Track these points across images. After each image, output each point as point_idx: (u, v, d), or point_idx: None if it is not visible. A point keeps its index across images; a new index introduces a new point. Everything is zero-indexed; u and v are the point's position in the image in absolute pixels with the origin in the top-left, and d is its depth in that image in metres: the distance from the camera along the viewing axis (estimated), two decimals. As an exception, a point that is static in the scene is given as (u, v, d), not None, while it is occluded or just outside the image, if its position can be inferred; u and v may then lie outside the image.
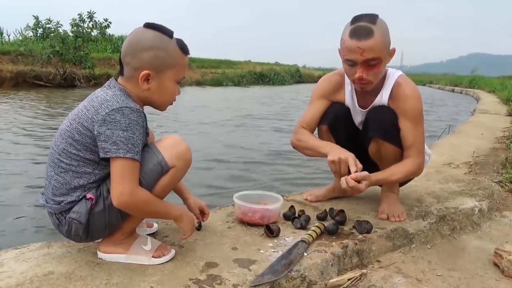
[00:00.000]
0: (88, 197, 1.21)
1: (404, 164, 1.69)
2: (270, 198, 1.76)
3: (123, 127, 1.16)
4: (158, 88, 1.27)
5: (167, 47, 1.24)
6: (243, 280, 1.22)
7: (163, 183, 1.26)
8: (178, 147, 1.28)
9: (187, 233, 1.37)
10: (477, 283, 1.41)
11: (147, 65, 1.22)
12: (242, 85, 22.79)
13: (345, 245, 1.49)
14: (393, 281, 1.40)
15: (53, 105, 9.21)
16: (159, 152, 1.26)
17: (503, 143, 3.98)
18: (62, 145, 1.23)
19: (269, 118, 8.21)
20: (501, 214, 2.11)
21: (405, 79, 1.73)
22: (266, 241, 1.51)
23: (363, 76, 1.58)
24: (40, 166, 3.86)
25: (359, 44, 1.53)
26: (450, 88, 24.58)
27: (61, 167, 1.23)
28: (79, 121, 1.21)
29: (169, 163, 1.25)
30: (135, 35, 1.24)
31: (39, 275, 1.20)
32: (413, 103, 1.68)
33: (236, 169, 4.10)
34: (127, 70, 1.26)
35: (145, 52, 1.21)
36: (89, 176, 1.23)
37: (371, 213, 1.83)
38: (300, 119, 1.88)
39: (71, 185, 1.22)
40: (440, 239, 1.76)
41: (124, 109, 1.17)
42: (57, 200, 1.23)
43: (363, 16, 1.58)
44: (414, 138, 1.68)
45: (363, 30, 1.53)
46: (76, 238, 1.28)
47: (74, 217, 1.21)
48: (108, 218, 1.24)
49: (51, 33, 14.84)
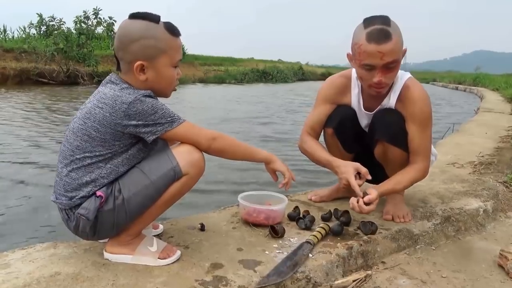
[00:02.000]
0: (98, 195, 1.22)
1: (409, 171, 1.67)
2: (274, 199, 1.76)
3: (150, 112, 1.22)
4: (156, 76, 1.28)
5: (155, 33, 1.24)
6: (249, 281, 1.22)
7: (174, 189, 1.27)
8: (193, 154, 1.29)
9: (286, 173, 1.48)
10: (482, 285, 1.41)
11: (139, 55, 1.23)
12: (244, 82, 22.78)
13: (350, 246, 1.49)
14: (398, 282, 1.41)
15: (58, 102, 9.24)
16: (174, 158, 1.26)
17: (507, 142, 3.97)
18: (76, 143, 1.24)
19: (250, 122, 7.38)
20: (505, 214, 2.11)
21: (414, 81, 1.70)
22: (271, 242, 1.51)
23: (382, 80, 1.54)
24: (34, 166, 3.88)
25: (379, 48, 1.48)
26: (454, 86, 24.47)
27: (74, 162, 1.24)
28: (95, 120, 1.22)
29: (183, 170, 1.26)
30: (123, 28, 1.25)
31: (46, 276, 1.20)
32: (422, 106, 1.66)
33: (237, 169, 4.10)
34: (123, 64, 1.28)
35: (134, 44, 1.22)
36: (100, 171, 1.24)
37: (375, 213, 1.83)
38: (306, 124, 1.87)
39: (83, 180, 1.24)
40: (445, 240, 1.76)
41: (138, 97, 1.21)
42: (68, 195, 1.24)
43: (375, 18, 1.53)
44: (421, 142, 1.66)
45: (381, 33, 1.48)
46: (83, 234, 1.29)
47: (82, 213, 1.21)
48: (116, 218, 1.24)
49: (54, 31, 14.89)
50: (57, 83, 14.02)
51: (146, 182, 1.25)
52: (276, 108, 9.89)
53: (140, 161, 1.29)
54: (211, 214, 1.78)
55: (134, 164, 1.29)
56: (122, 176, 1.26)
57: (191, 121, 1.32)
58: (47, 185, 3.21)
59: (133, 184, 1.25)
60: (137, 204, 1.25)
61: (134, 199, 1.24)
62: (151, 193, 1.26)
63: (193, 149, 1.30)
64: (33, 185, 3.30)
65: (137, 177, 1.26)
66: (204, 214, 1.80)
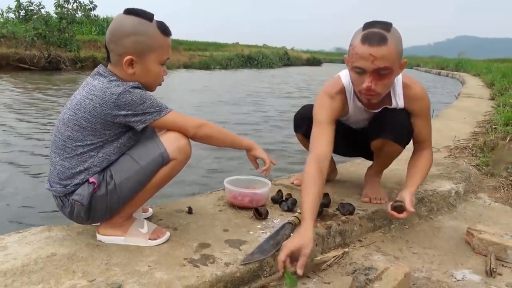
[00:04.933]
0: (91, 181, 1.29)
1: (425, 161, 1.75)
2: (259, 183, 1.85)
3: (139, 102, 1.29)
4: (143, 72, 1.33)
5: (147, 31, 1.30)
6: (234, 259, 1.32)
7: (162, 173, 1.35)
8: (180, 141, 1.36)
9: (267, 160, 1.56)
10: (449, 259, 1.54)
11: (129, 50, 1.29)
12: (229, 68, 22.69)
13: (328, 226, 1.60)
14: (373, 258, 1.52)
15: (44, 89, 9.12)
16: (162, 144, 1.34)
17: (483, 127, 4.13)
18: (67, 133, 1.30)
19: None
20: (476, 196, 2.24)
21: (409, 78, 1.73)
22: (255, 223, 1.61)
23: (371, 86, 1.49)
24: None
25: (371, 50, 1.44)
26: (437, 71, 24.83)
27: (66, 152, 1.31)
28: (85, 110, 1.28)
29: (171, 156, 1.34)
30: (116, 22, 1.31)
31: (43, 256, 1.27)
32: (425, 102, 1.73)
33: (224, 158, 4.18)
34: (112, 56, 1.33)
35: (126, 38, 1.28)
36: (92, 160, 1.31)
37: (354, 195, 1.94)
38: (314, 150, 1.61)
39: (76, 169, 1.30)
40: (418, 220, 1.88)
41: (128, 89, 1.28)
42: (63, 183, 1.31)
43: (376, 22, 1.50)
44: (427, 133, 1.77)
45: (376, 36, 1.45)
46: (78, 219, 1.36)
47: (76, 199, 1.28)
48: (109, 202, 1.32)
49: (33, 15, 14.54)
50: (38, 68, 13.78)
51: (136, 167, 1.32)
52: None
53: (130, 149, 1.37)
54: (198, 198, 1.87)
55: (124, 152, 1.36)
56: (113, 163, 1.34)
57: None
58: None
59: (124, 170, 1.32)
60: (128, 188, 1.32)
61: (125, 184, 1.31)
62: (141, 177, 1.33)
63: (180, 136, 1.37)
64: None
65: (128, 163, 1.33)
66: (191, 198, 1.88)
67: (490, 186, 2.37)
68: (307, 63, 36.63)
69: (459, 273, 1.44)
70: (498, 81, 8.86)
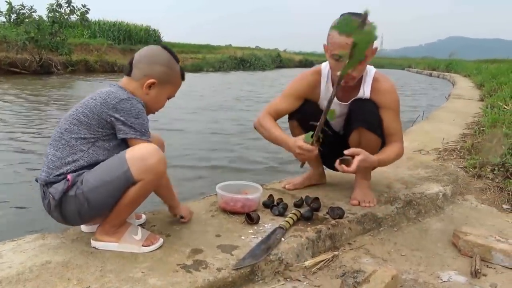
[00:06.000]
0: (67, 178, 1.33)
1: (393, 147, 1.88)
2: (250, 188, 1.88)
3: (134, 115, 1.38)
4: (155, 96, 1.50)
5: (174, 68, 1.52)
6: (226, 264, 1.35)
7: (130, 194, 1.34)
8: (148, 160, 1.32)
9: (188, 216, 1.65)
10: (436, 261, 1.58)
11: (155, 75, 1.47)
12: (222, 70, 22.71)
13: (319, 230, 1.63)
14: (362, 261, 1.56)
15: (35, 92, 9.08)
16: (126, 162, 1.32)
17: (472, 129, 4.19)
18: (65, 126, 1.39)
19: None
20: (463, 198, 2.29)
21: (381, 74, 1.90)
22: (247, 228, 1.64)
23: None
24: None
25: (348, 40, 1.59)
26: (428, 72, 25.06)
27: (61, 143, 1.38)
28: (86, 107, 1.39)
29: (136, 177, 1.32)
30: (153, 50, 1.51)
31: (38, 264, 1.30)
32: (393, 96, 1.88)
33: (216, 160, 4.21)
34: (136, 73, 1.47)
35: (157, 66, 1.47)
36: (82, 153, 1.37)
37: (344, 199, 1.98)
38: (270, 106, 1.99)
39: (65, 159, 1.36)
40: (406, 222, 1.93)
41: (131, 99, 1.40)
42: (49, 172, 1.37)
43: (352, 14, 1.64)
44: (396, 127, 1.89)
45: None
46: (54, 215, 1.39)
47: (51, 191, 1.34)
48: (79, 207, 1.34)
49: (25, 19, 14.47)
50: (30, 72, 13.70)
51: (101, 182, 1.33)
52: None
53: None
54: (190, 204, 1.89)
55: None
56: (90, 170, 1.36)
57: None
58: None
59: (91, 180, 1.34)
60: (95, 199, 1.33)
61: (92, 194, 1.33)
62: (108, 192, 1.33)
63: (149, 154, 1.33)
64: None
65: (96, 174, 1.34)
66: (184, 204, 1.90)
67: (477, 188, 2.43)
68: (300, 64, 36.77)
69: (445, 274, 1.48)
70: (488, 82, 8.97)
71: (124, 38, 22.62)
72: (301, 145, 1.69)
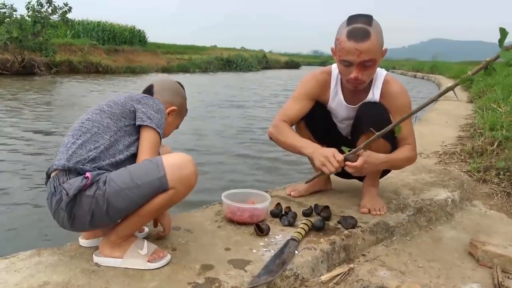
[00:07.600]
0: (86, 176, 1.22)
1: (404, 148, 1.80)
2: (257, 196, 1.79)
3: (155, 109, 1.44)
4: (170, 123, 1.58)
5: (186, 103, 1.66)
6: (241, 281, 1.25)
7: (159, 200, 1.26)
8: (184, 169, 1.27)
9: (166, 229, 1.50)
10: (456, 273, 1.51)
11: (175, 105, 1.58)
12: (209, 71, 22.57)
13: (332, 241, 1.55)
14: (379, 274, 1.48)
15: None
16: (163, 168, 1.25)
17: (467, 131, 4.18)
18: (87, 116, 1.39)
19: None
20: (471, 203, 2.25)
21: (392, 77, 1.84)
22: (257, 240, 1.54)
23: (358, 76, 1.65)
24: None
25: (357, 46, 1.58)
26: (413, 74, 25.32)
27: (81, 131, 1.34)
28: (110, 101, 1.44)
29: (170, 184, 1.25)
30: (175, 83, 1.64)
31: (35, 286, 1.18)
32: (404, 99, 1.81)
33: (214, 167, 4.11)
34: (160, 98, 1.53)
35: (179, 98, 1.61)
36: (103, 141, 1.32)
37: (352, 207, 1.90)
38: (283, 112, 1.90)
39: (87, 146, 1.30)
40: (418, 230, 1.86)
41: (154, 99, 1.49)
42: (69, 158, 1.26)
43: (358, 16, 1.63)
44: (408, 131, 1.80)
45: (360, 32, 1.58)
46: (60, 214, 1.24)
47: (66, 187, 1.21)
48: (93, 209, 1.22)
49: (6, 18, 14.10)
50: (12, 73, 13.35)
51: (131, 184, 1.23)
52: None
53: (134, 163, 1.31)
54: (194, 214, 1.79)
55: (131, 159, 1.35)
56: (114, 172, 1.26)
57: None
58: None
59: (118, 181, 1.23)
60: (117, 202, 1.22)
61: (114, 197, 1.22)
62: (133, 197, 1.23)
63: (186, 164, 1.28)
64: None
65: (124, 176, 1.24)
66: (187, 213, 1.80)
67: (484, 193, 2.38)
68: (286, 66, 36.90)
69: (467, 287, 1.41)
70: (475, 84, 9.05)
71: (109, 39, 22.30)
72: (340, 159, 1.61)
